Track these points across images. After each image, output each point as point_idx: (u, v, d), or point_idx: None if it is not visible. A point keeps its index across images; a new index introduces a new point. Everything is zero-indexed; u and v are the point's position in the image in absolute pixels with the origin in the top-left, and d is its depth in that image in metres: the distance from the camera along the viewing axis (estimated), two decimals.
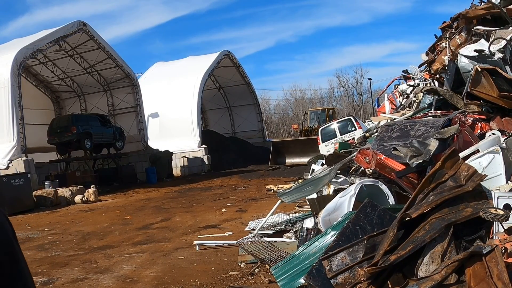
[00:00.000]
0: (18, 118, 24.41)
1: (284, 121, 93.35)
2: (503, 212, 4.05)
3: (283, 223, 10.43)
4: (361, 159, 7.92)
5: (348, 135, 22.17)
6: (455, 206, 4.46)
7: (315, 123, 37.99)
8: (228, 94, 45.72)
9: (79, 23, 28.80)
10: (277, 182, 22.30)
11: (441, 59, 11.67)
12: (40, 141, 29.25)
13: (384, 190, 6.69)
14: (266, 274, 7.24)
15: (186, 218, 14.07)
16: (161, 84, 39.01)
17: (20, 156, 23.46)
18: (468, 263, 3.78)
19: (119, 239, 11.70)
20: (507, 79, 7.76)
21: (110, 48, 31.70)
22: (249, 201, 16.80)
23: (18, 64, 25.11)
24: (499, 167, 5.38)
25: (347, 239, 5.06)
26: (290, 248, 8.05)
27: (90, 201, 21.22)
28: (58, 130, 27.84)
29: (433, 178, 4.86)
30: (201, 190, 23.00)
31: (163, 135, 36.32)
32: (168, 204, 18.30)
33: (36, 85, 34.87)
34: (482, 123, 7.72)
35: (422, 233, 4.36)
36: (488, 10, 10.26)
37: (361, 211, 5.23)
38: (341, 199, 6.73)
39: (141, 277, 7.95)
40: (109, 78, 34.13)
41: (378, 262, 4.35)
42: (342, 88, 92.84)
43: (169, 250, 9.94)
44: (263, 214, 11.39)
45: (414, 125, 7.56)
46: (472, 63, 8.79)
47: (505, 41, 8.58)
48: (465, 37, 10.68)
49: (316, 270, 5.01)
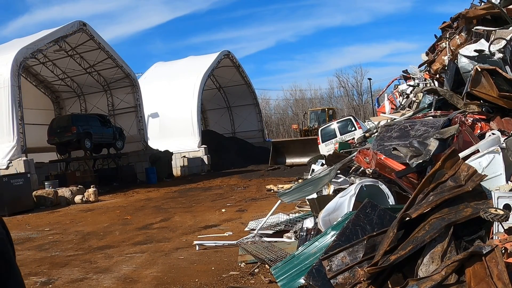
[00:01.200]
0: (18, 118, 24.39)
1: (284, 121, 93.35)
2: (503, 212, 4.05)
3: (283, 223, 10.43)
4: (361, 159, 7.92)
5: (348, 135, 22.18)
6: (455, 206, 4.46)
7: (315, 123, 38.02)
8: (228, 94, 45.72)
9: (79, 23, 28.79)
10: (277, 182, 22.30)
11: (441, 59, 11.67)
12: (40, 141, 29.25)
13: (384, 190, 6.69)
14: (266, 274, 7.24)
15: (186, 218, 14.07)
16: (161, 84, 39.01)
17: (20, 156, 23.44)
18: (468, 263, 3.78)
19: (119, 239, 11.70)
20: (507, 79, 7.76)
21: (110, 48, 31.69)
22: (249, 201, 16.80)
23: (18, 64, 25.10)
24: (499, 167, 5.38)
25: (347, 239, 5.06)
26: (290, 248, 8.05)
27: (90, 201, 21.22)
28: (58, 130, 27.84)
29: (433, 178, 4.86)
30: (201, 190, 23.00)
31: (163, 135, 36.32)
32: (168, 204, 18.30)
33: (36, 85, 34.88)
34: (482, 123, 7.72)
35: (422, 233, 4.36)
36: (488, 10, 10.26)
37: (361, 211, 5.23)
38: (341, 199, 6.73)
39: (141, 277, 7.95)
40: (109, 78, 34.12)
41: (378, 262, 4.35)
42: (342, 88, 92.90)
43: (169, 250, 9.94)
44: (263, 214, 11.39)
45: (414, 125, 7.56)
46: (472, 63, 8.79)
47: (505, 41, 8.57)
48: (465, 37, 10.68)
49: (316, 270, 5.01)
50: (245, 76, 44.44)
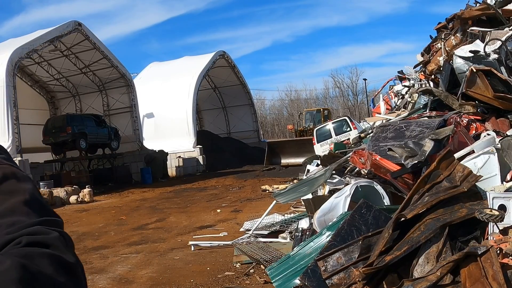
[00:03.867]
0: (13, 118, 24.34)
1: (279, 121, 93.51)
2: (498, 212, 4.05)
3: (278, 224, 10.44)
4: (356, 160, 7.92)
5: (343, 136, 22.20)
6: (450, 206, 4.46)
7: (310, 123, 38.02)
8: (223, 94, 45.66)
9: (74, 23, 28.71)
10: (272, 182, 22.30)
11: (436, 59, 11.69)
12: (35, 141, 29.13)
13: (379, 191, 6.70)
14: (261, 275, 7.24)
15: (181, 219, 14.06)
16: (156, 84, 38.96)
17: (15, 156, 23.30)
18: (463, 264, 3.79)
19: (114, 239, 11.67)
20: (502, 80, 7.78)
21: (105, 48, 31.59)
22: (244, 202, 16.80)
23: (13, 64, 25.03)
24: (494, 167, 5.39)
25: (342, 239, 5.07)
26: (285, 249, 8.06)
27: (85, 202, 21.16)
28: (53, 130, 27.77)
29: (428, 179, 4.86)
30: (196, 190, 22.97)
31: (158, 135, 36.25)
32: (163, 204, 18.28)
33: (31, 85, 34.75)
34: (477, 123, 7.73)
35: (417, 233, 4.36)
36: (483, 11, 10.28)
37: (356, 212, 5.23)
38: (336, 199, 6.73)
39: (136, 278, 7.94)
40: (104, 78, 34.01)
41: (373, 262, 4.35)
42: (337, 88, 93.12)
43: (164, 250, 9.93)
44: (258, 215, 11.39)
45: (409, 126, 7.57)
46: (467, 64, 8.80)
47: (500, 42, 8.59)
48: (460, 38, 10.71)
49: (311, 271, 5.01)
50: (240, 77, 44.41)
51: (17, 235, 1.04)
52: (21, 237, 1.04)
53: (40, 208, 1.19)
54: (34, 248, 1.01)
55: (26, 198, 1.17)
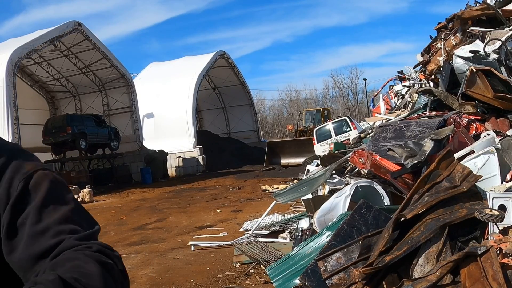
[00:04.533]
0: (13, 118, 24.32)
1: (279, 121, 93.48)
2: (498, 212, 4.05)
3: (278, 224, 10.44)
4: (356, 160, 7.92)
5: (343, 136, 22.20)
6: (450, 206, 4.45)
7: (310, 123, 38.04)
8: (223, 94, 45.66)
9: (74, 23, 28.68)
10: (272, 182, 22.29)
11: (436, 60, 11.69)
12: (35, 141, 29.06)
13: (379, 191, 6.69)
14: (261, 275, 7.24)
15: (181, 219, 14.06)
16: (156, 84, 38.94)
17: None
18: (463, 264, 3.78)
19: (114, 239, 11.67)
20: (502, 80, 7.77)
21: (105, 48, 31.58)
22: (244, 202, 16.79)
23: (13, 64, 25.00)
24: (494, 167, 5.38)
25: (342, 239, 5.06)
26: (285, 249, 8.05)
27: (85, 202, 21.13)
28: (53, 130, 27.78)
29: (428, 179, 4.86)
30: (196, 190, 22.97)
31: (158, 135, 36.25)
32: (163, 204, 18.28)
33: (31, 85, 34.72)
34: (477, 123, 7.73)
35: (417, 233, 4.36)
36: (483, 11, 10.28)
37: (356, 212, 5.23)
38: (336, 199, 6.73)
39: (136, 278, 7.93)
40: (104, 78, 34.01)
41: (373, 262, 4.35)
42: (337, 88, 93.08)
43: (164, 250, 9.93)
44: (258, 215, 11.38)
45: (409, 126, 7.57)
46: (467, 64, 8.80)
47: (500, 42, 8.59)
48: (460, 38, 10.70)
49: (311, 271, 5.01)
50: (240, 77, 44.39)
51: (89, 243, 1.33)
52: (89, 242, 1.33)
53: (86, 216, 1.46)
54: (106, 250, 1.38)
55: (73, 207, 1.41)
